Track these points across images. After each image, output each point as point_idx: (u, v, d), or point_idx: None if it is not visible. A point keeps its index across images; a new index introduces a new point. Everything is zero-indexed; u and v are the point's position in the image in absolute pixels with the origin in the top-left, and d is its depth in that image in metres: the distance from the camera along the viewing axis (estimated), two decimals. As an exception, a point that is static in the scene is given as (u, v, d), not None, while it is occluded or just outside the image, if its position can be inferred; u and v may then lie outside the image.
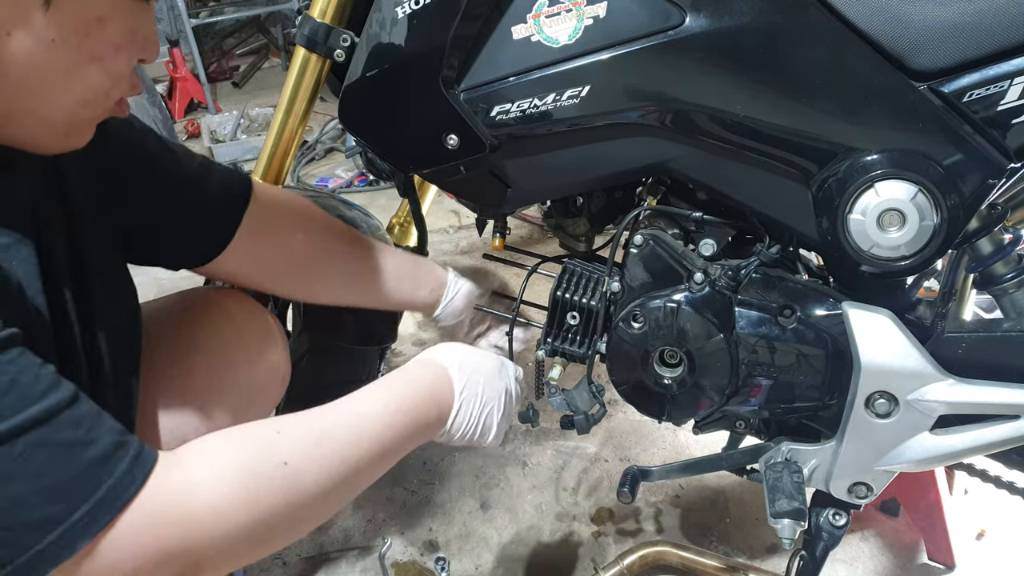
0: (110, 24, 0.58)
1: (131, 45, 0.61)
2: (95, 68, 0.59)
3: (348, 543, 1.45)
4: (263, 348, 0.98)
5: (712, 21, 0.74)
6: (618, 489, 1.01)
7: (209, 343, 0.92)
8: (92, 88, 0.60)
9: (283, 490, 0.60)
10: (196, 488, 0.56)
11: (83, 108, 0.62)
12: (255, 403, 0.97)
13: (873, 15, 0.71)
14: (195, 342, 0.91)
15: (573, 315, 0.97)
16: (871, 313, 0.82)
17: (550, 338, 0.99)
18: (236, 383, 0.93)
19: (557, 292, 0.97)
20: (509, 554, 1.41)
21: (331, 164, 3.18)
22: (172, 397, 0.83)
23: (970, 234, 0.84)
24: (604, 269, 0.98)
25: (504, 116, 0.83)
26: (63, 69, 0.57)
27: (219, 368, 0.92)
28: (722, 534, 1.43)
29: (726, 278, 0.88)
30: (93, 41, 0.58)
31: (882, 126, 0.75)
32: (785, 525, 0.87)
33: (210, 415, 0.90)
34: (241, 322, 0.96)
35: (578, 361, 1.00)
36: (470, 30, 0.81)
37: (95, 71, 0.59)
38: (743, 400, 0.91)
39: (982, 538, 1.39)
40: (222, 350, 0.93)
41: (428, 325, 2.12)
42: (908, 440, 0.85)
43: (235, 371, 0.93)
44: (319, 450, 0.64)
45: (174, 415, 0.60)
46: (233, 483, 0.58)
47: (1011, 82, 0.69)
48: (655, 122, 0.81)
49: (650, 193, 0.95)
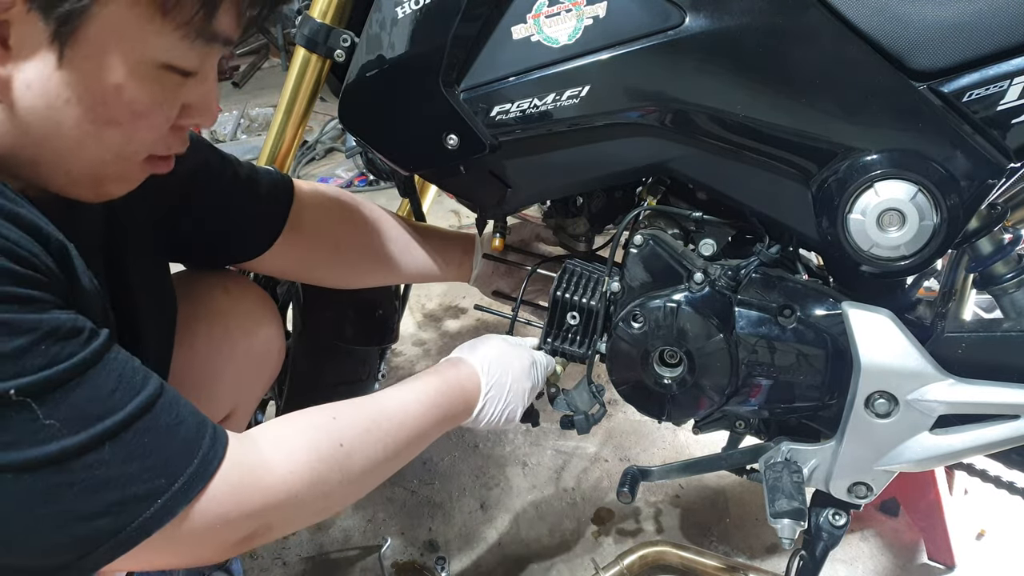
0: (128, 92, 0.58)
1: (156, 114, 0.61)
2: (113, 131, 0.59)
3: (348, 543, 1.45)
4: (260, 321, 1.01)
5: (712, 21, 0.74)
6: (618, 489, 1.01)
7: (209, 317, 0.96)
8: (111, 150, 0.61)
9: (339, 468, 0.69)
10: (271, 463, 0.64)
11: (105, 166, 0.62)
12: (254, 375, 1.02)
13: (873, 15, 0.71)
14: (196, 316, 0.93)
15: (573, 315, 0.97)
16: (871, 313, 0.83)
17: (550, 338, 0.99)
18: (235, 356, 0.98)
19: (557, 292, 0.97)
20: (509, 554, 1.41)
21: (331, 164, 3.18)
22: (175, 369, 0.86)
23: (970, 234, 0.84)
24: (604, 269, 0.98)
25: (504, 116, 0.83)
26: (79, 128, 0.58)
27: (218, 340, 0.96)
28: (722, 534, 1.43)
29: (726, 278, 0.88)
30: (110, 107, 0.58)
31: (882, 126, 0.75)
32: (785, 525, 0.87)
33: (212, 389, 0.95)
34: (237, 296, 1.00)
35: (578, 361, 1.00)
36: (470, 30, 0.81)
37: (113, 134, 0.60)
38: (743, 400, 0.91)
39: (982, 538, 1.39)
40: (221, 323, 0.97)
41: (428, 325, 2.12)
42: (908, 440, 0.85)
43: (234, 344, 0.97)
44: (369, 435, 0.73)
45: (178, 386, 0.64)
46: (301, 461, 0.66)
47: (1011, 82, 0.69)
48: (655, 122, 0.81)
49: (650, 193, 0.95)
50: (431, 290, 2.24)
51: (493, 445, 1.68)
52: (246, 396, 1.04)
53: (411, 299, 1.79)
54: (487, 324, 2.05)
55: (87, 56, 0.54)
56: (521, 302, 1.07)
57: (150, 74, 0.58)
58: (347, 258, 1.05)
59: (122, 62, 0.56)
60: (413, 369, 1.94)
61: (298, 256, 1.00)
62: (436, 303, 2.21)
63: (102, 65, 0.55)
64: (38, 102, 0.55)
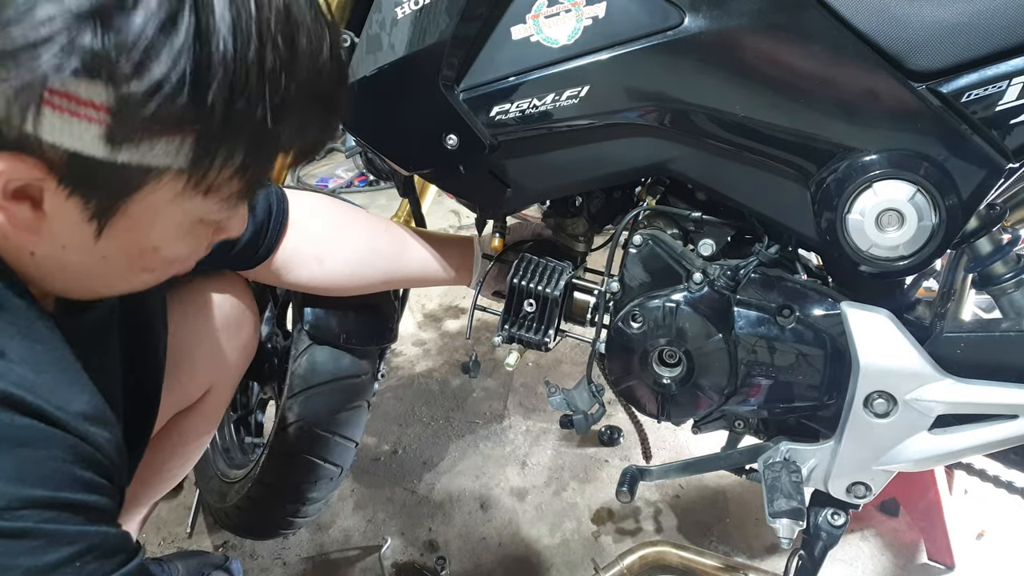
0: (165, 250, 0.58)
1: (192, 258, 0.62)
2: (147, 275, 0.61)
3: (348, 543, 1.45)
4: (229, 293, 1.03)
5: (711, 21, 0.74)
6: (617, 489, 1.02)
7: (182, 296, 0.97)
8: (144, 285, 0.62)
9: None
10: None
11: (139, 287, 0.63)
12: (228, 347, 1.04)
13: (872, 15, 0.71)
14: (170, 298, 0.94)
15: (530, 303, 0.98)
16: (870, 313, 0.83)
17: (507, 325, 1.00)
18: (209, 330, 0.99)
19: (514, 280, 0.98)
20: (509, 554, 1.42)
21: (331, 164, 3.18)
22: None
23: (969, 234, 0.84)
24: (561, 261, 1.00)
25: (503, 116, 0.83)
26: (115, 275, 0.59)
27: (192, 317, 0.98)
28: (722, 534, 1.43)
29: (725, 278, 0.88)
30: (146, 261, 0.59)
31: (881, 126, 0.75)
32: (783, 525, 0.87)
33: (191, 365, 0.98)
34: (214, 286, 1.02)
35: (534, 348, 1.01)
36: (469, 30, 0.81)
37: (147, 277, 0.61)
38: (742, 400, 0.92)
39: (982, 538, 1.39)
40: (192, 300, 0.98)
41: (428, 325, 2.12)
42: (907, 440, 0.85)
43: (207, 319, 0.99)
44: None
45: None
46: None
47: (1009, 82, 0.69)
48: (654, 122, 0.81)
49: (649, 193, 0.95)
50: (431, 290, 2.24)
51: (493, 445, 1.68)
52: (223, 372, 1.06)
53: (411, 299, 1.79)
54: (487, 324, 2.05)
55: (127, 228, 0.54)
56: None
57: (188, 230, 0.58)
58: (336, 271, 1.04)
59: (161, 229, 0.56)
60: (413, 369, 1.94)
61: (284, 270, 0.99)
62: (436, 303, 2.21)
63: (141, 235, 0.55)
64: (73, 258, 0.55)
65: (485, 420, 1.76)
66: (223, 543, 1.45)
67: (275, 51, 0.48)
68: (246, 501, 1.29)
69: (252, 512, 1.31)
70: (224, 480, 1.37)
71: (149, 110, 0.45)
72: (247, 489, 1.28)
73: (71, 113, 0.45)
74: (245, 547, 1.44)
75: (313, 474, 1.25)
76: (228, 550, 1.43)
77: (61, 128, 0.46)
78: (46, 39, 0.42)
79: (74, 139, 0.46)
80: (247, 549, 1.43)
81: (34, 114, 0.45)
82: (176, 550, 1.41)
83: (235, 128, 0.49)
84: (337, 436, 1.25)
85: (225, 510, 1.34)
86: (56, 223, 0.52)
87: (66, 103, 0.44)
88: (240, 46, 0.46)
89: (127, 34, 0.43)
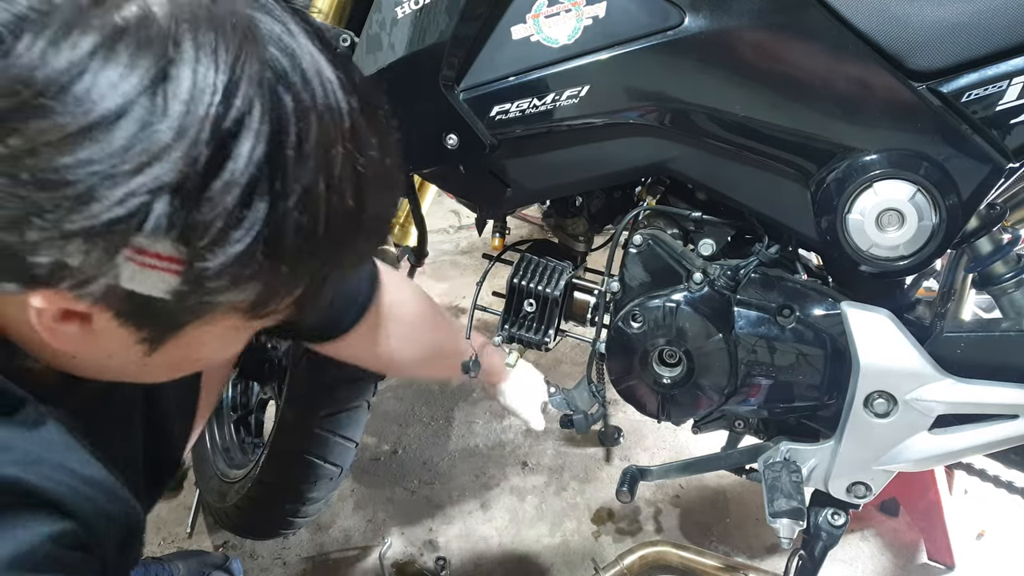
0: (208, 356, 0.59)
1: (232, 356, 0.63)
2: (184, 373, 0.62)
3: (348, 543, 1.45)
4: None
5: (711, 21, 0.74)
6: (617, 489, 1.02)
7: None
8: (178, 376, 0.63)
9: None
10: None
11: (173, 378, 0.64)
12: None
13: (872, 15, 0.71)
14: None
15: (530, 302, 0.98)
16: (870, 313, 0.83)
17: (507, 325, 1.00)
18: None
19: (514, 280, 0.98)
20: (509, 554, 1.42)
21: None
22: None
23: (969, 234, 0.84)
24: (561, 261, 1.00)
25: (504, 116, 0.83)
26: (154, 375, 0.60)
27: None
28: (722, 534, 1.43)
29: (725, 278, 0.88)
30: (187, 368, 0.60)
31: (881, 126, 0.75)
32: (783, 524, 0.87)
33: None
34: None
35: (534, 348, 1.01)
36: (469, 30, 0.81)
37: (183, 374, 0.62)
38: (742, 400, 0.91)
39: (982, 538, 1.39)
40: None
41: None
42: (907, 440, 0.85)
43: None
44: None
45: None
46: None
47: (1010, 82, 0.69)
48: (654, 122, 0.81)
49: (649, 193, 0.95)
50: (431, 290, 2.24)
51: (493, 445, 1.68)
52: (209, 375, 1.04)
53: (411, 299, 1.79)
54: (487, 324, 2.05)
55: (177, 347, 0.53)
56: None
57: (236, 339, 0.58)
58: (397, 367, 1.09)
59: (211, 347, 0.56)
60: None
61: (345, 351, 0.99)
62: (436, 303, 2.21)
63: (191, 352, 0.56)
64: (115, 364, 0.55)
65: (485, 420, 1.76)
66: (223, 543, 1.45)
67: (345, 212, 0.49)
68: (246, 501, 1.29)
69: (252, 512, 1.32)
70: (224, 480, 1.37)
71: (223, 268, 0.46)
72: (247, 489, 1.28)
73: (148, 267, 0.45)
74: (245, 547, 1.44)
75: (313, 474, 1.25)
76: (228, 550, 1.43)
77: (133, 276, 0.45)
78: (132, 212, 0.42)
79: (145, 286, 0.46)
80: (247, 549, 1.43)
81: (110, 267, 0.45)
82: (176, 550, 1.41)
83: (301, 275, 0.51)
84: (337, 436, 1.25)
85: (225, 510, 1.34)
86: (104, 339, 0.51)
87: (144, 258, 0.45)
88: (313, 210, 0.47)
89: (209, 205, 0.44)
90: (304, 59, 0.47)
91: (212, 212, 0.43)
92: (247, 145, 0.43)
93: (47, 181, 0.41)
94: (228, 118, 0.43)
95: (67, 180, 0.41)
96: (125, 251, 0.44)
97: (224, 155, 0.43)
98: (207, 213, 0.43)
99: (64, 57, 0.41)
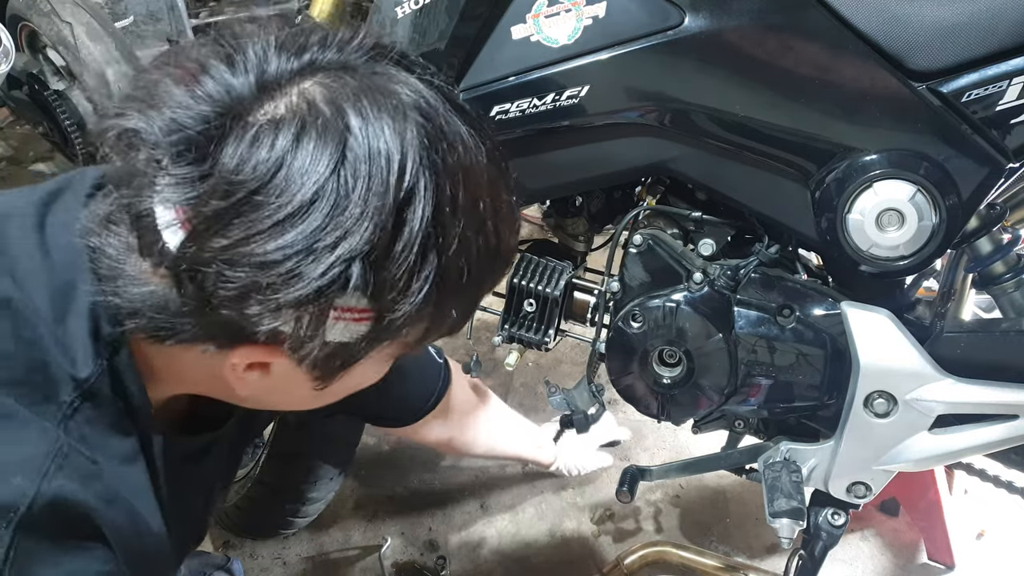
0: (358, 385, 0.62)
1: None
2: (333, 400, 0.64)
3: (348, 543, 1.45)
4: None
5: (711, 21, 0.74)
6: (617, 489, 1.02)
7: None
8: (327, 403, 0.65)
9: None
10: None
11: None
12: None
13: (872, 15, 0.71)
14: None
15: (530, 302, 0.98)
16: (870, 313, 0.83)
17: (507, 324, 1.00)
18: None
19: (514, 280, 0.98)
20: (509, 554, 1.42)
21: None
22: None
23: (969, 234, 0.84)
24: (560, 261, 1.00)
25: (504, 116, 0.83)
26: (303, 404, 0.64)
27: None
28: (722, 534, 1.43)
29: (725, 278, 0.88)
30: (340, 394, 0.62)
31: (881, 126, 0.75)
32: (783, 524, 0.87)
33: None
34: None
35: (534, 347, 1.02)
36: (469, 30, 0.81)
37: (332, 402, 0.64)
38: (742, 399, 0.92)
39: (982, 538, 1.39)
40: None
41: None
42: (907, 439, 0.85)
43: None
44: None
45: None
46: None
47: (1010, 82, 0.70)
48: (654, 122, 0.81)
49: (649, 193, 0.95)
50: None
51: (493, 445, 1.68)
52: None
53: (411, 299, 1.78)
54: (487, 324, 2.05)
55: (344, 379, 0.57)
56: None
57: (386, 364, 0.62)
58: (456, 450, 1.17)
59: (366, 376, 0.61)
60: (413, 369, 1.94)
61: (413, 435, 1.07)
62: (436, 303, 2.21)
63: (350, 383, 0.59)
64: (273, 397, 0.61)
65: (485, 420, 1.76)
66: (223, 543, 1.45)
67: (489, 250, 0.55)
68: (246, 501, 1.29)
69: (252, 512, 1.32)
70: (224, 480, 1.37)
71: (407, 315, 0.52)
72: (247, 489, 1.28)
73: (344, 320, 0.51)
74: (245, 547, 1.44)
75: (313, 474, 1.25)
76: (228, 550, 1.43)
77: (333, 331, 0.51)
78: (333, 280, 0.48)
79: (339, 336, 0.52)
80: (247, 549, 1.43)
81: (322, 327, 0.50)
82: (176, 550, 1.40)
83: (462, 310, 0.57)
84: (337, 436, 1.25)
85: (225, 510, 1.34)
86: (278, 380, 0.56)
87: (342, 314, 0.50)
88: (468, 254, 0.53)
89: (394, 264, 0.49)
90: (441, 120, 0.52)
91: (398, 270, 0.49)
92: (419, 209, 0.49)
93: (262, 263, 0.47)
94: (403, 188, 0.48)
95: (277, 260, 0.47)
96: (332, 313, 0.50)
97: (402, 220, 0.49)
98: (393, 271, 0.49)
99: (264, 154, 0.46)
